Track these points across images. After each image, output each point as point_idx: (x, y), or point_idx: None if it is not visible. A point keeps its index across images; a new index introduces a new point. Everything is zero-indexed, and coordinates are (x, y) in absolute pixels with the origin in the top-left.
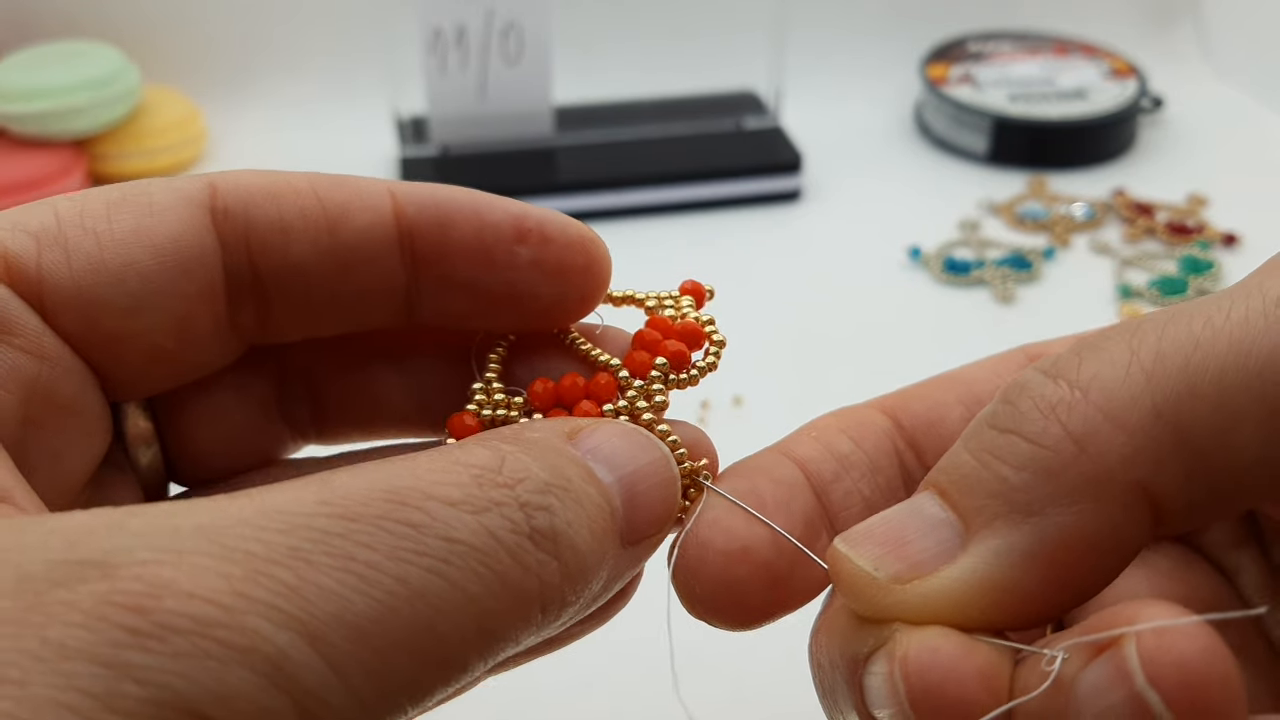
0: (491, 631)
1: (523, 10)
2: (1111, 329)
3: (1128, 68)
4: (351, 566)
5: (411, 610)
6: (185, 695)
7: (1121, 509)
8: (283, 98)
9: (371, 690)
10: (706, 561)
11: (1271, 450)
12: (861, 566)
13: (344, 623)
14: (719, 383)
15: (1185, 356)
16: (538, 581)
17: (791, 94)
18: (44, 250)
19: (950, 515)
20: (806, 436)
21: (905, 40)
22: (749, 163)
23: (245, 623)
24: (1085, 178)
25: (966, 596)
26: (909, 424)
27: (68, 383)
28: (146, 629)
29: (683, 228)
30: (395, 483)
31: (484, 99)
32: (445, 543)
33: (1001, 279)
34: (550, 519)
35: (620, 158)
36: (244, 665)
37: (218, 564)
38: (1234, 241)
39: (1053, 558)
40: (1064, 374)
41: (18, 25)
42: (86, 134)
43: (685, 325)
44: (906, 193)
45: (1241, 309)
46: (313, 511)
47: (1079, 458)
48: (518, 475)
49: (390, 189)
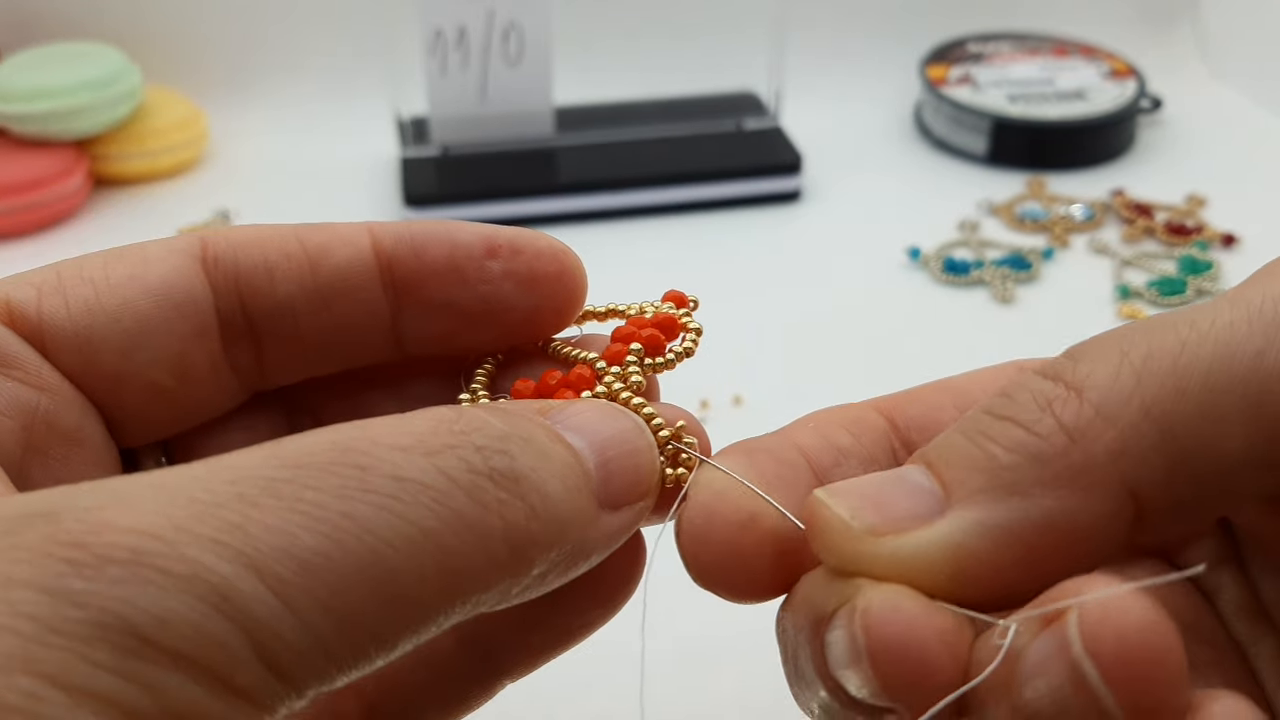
0: (455, 570)
1: (523, 11)
2: (1103, 335)
3: (1127, 69)
4: (297, 506)
5: (361, 545)
6: (125, 617)
7: (1104, 502)
8: (284, 98)
9: (329, 627)
10: (715, 528)
11: (1254, 451)
12: (838, 513)
13: (291, 556)
14: (719, 383)
15: (1173, 358)
16: (500, 520)
17: (791, 94)
18: (44, 298)
19: (935, 485)
20: (806, 427)
21: (905, 41)
22: (749, 163)
23: (186, 553)
24: (1084, 178)
25: (938, 561)
26: (904, 425)
27: (69, 413)
28: (85, 560)
29: (683, 228)
30: (346, 435)
31: (484, 100)
32: (393, 480)
33: (1001, 279)
34: (510, 461)
35: (620, 158)
36: (185, 592)
37: (160, 505)
38: (1233, 242)
39: (1030, 539)
40: (1061, 375)
41: (19, 26)
42: (88, 135)
43: (659, 315)
44: (906, 193)
45: (1226, 315)
46: (260, 464)
47: (1069, 448)
48: (474, 425)
49: (369, 227)
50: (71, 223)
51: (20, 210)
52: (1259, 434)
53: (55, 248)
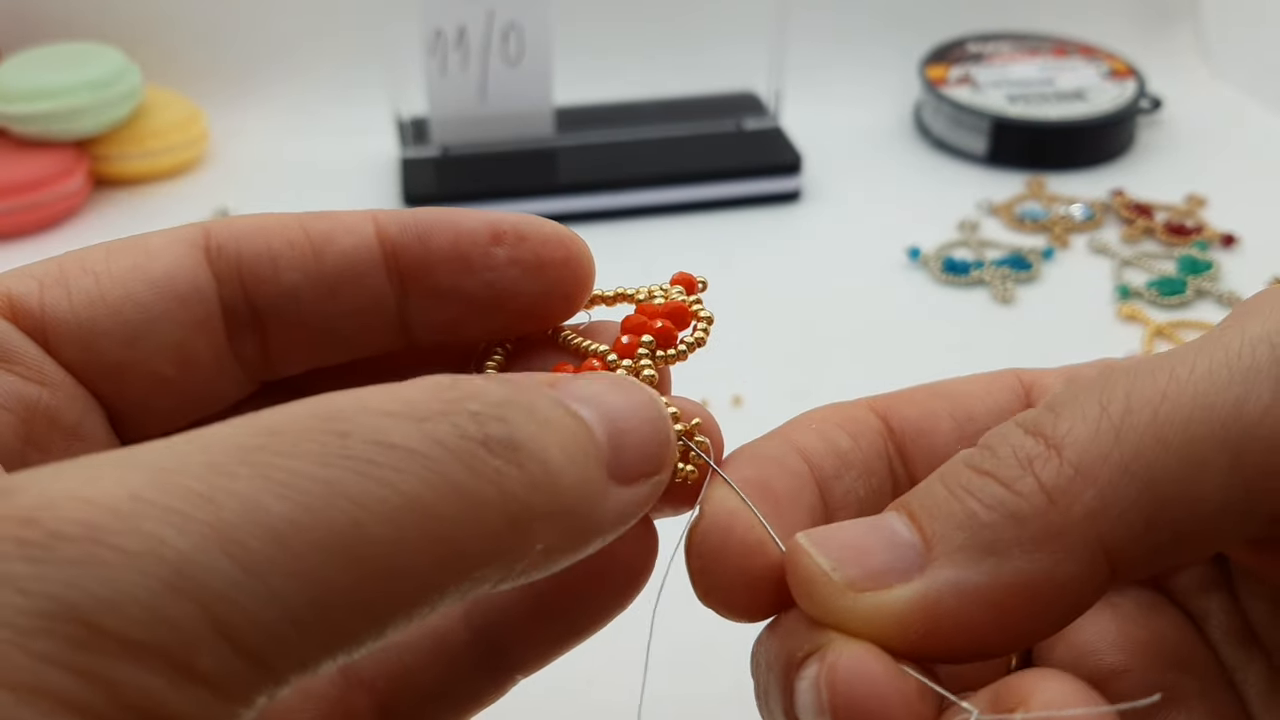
0: (446, 540)
1: (523, 11)
2: (1085, 382)
3: (1126, 69)
4: (270, 473)
5: (335, 510)
6: (73, 604)
7: (1080, 563)
8: (284, 99)
9: (303, 602)
10: (727, 553)
11: (1234, 498)
12: (819, 563)
13: (257, 523)
14: (719, 382)
15: (1153, 410)
16: (495, 489)
17: (791, 95)
18: (46, 290)
19: (916, 538)
20: (807, 427)
21: (904, 41)
22: (749, 163)
23: (141, 527)
24: (1084, 178)
25: (914, 617)
26: (899, 428)
27: (71, 408)
28: (35, 539)
29: (683, 228)
30: (330, 401)
31: (484, 100)
32: (377, 445)
33: (1001, 279)
34: (507, 429)
35: (620, 159)
36: (137, 571)
37: (122, 474)
38: (1232, 242)
39: (1004, 599)
40: (1041, 429)
41: (19, 26)
42: (88, 135)
43: (670, 304)
44: (906, 193)
45: (1205, 363)
46: (234, 432)
47: (1048, 509)
48: (469, 391)
49: (373, 215)
50: (72, 223)
51: (20, 210)
52: (1238, 483)
53: (55, 248)
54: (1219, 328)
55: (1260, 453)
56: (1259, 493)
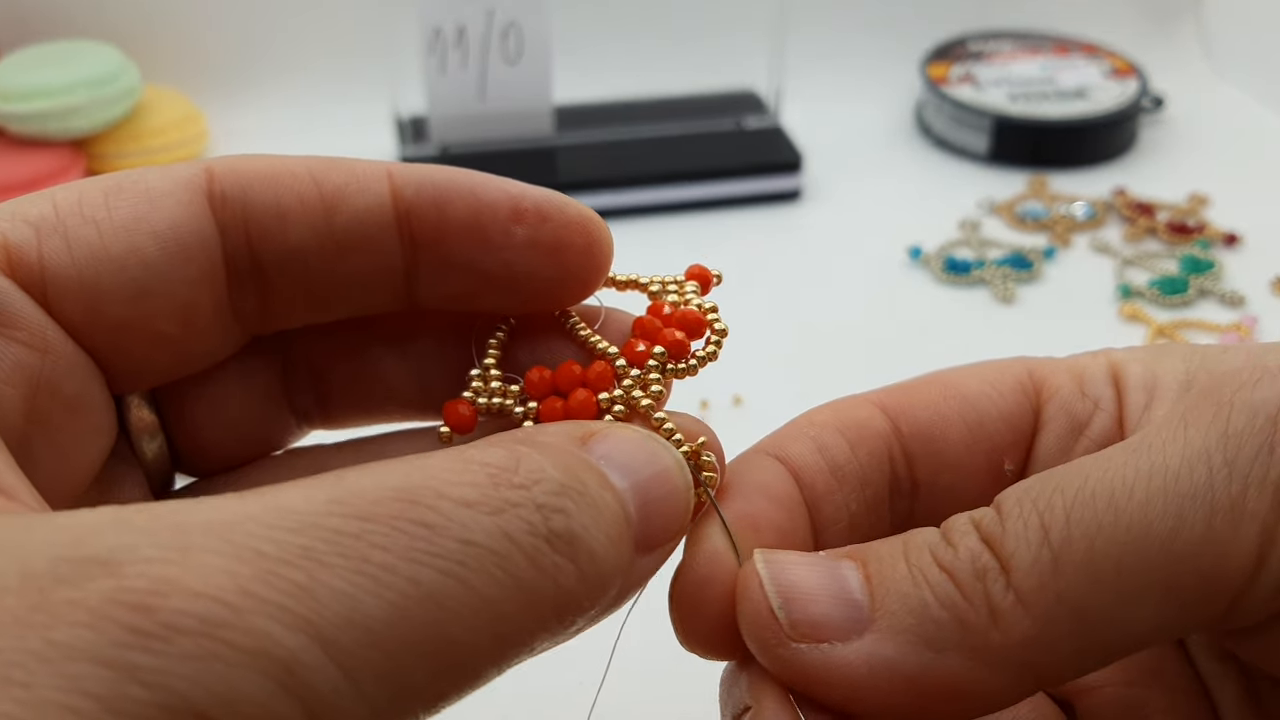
0: (506, 637)
1: (523, 10)
2: (1032, 491)
3: (1128, 67)
4: (364, 568)
5: (424, 613)
6: (190, 698)
7: (1008, 680)
8: (283, 97)
9: (384, 696)
10: (707, 602)
11: (1167, 621)
12: (770, 594)
13: (356, 625)
14: (719, 382)
15: (1089, 543)
16: (554, 586)
17: (791, 94)
18: (44, 239)
19: (865, 599)
20: (804, 434)
21: (905, 40)
22: (749, 162)
23: (254, 624)
24: (1086, 177)
25: (842, 680)
26: (908, 430)
27: (71, 378)
28: (151, 629)
29: (683, 227)
30: (410, 481)
31: (484, 99)
32: (461, 544)
33: (1002, 279)
34: (567, 522)
35: (620, 157)
36: (253, 669)
37: (226, 562)
38: (1235, 241)
39: (931, 689)
40: (992, 542)
41: (17, 24)
42: (86, 133)
43: (686, 313)
44: (907, 192)
45: (1143, 487)
46: (325, 510)
47: (990, 628)
48: (534, 476)
49: (389, 170)
50: None
51: None
52: (1170, 611)
53: None
54: (1162, 429)
55: (1193, 584)
56: (1194, 612)
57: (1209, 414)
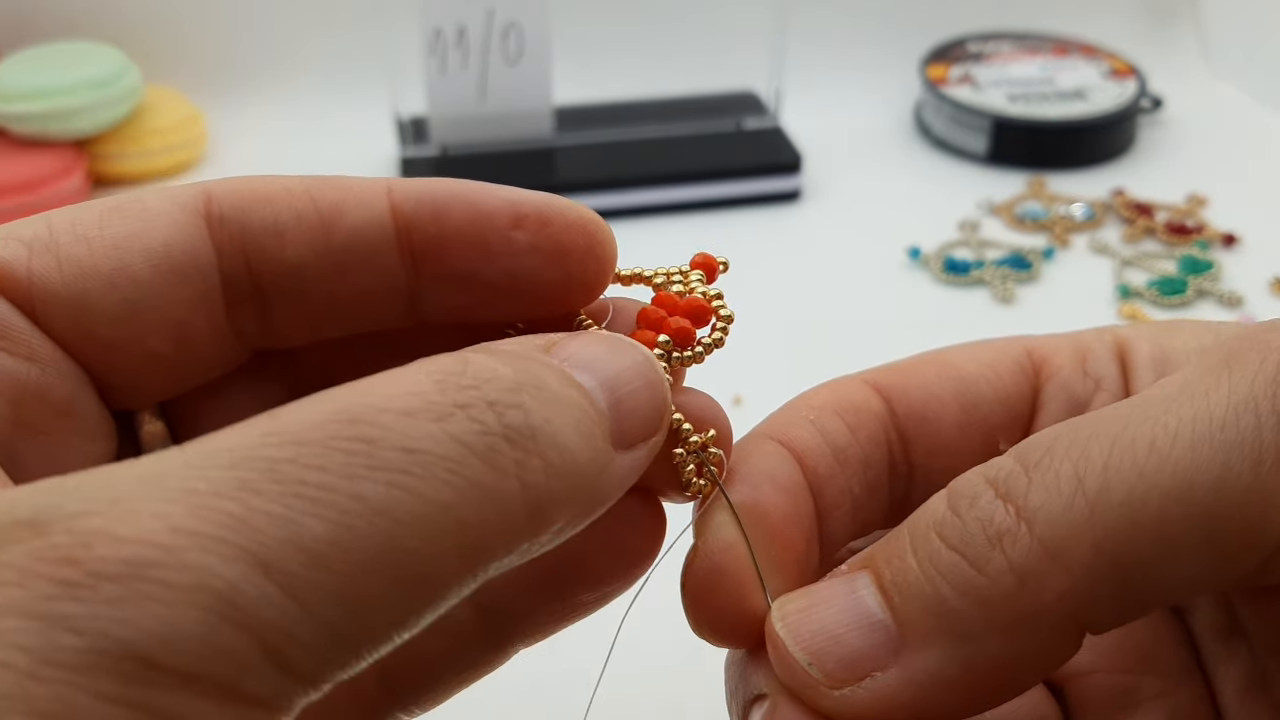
0: (472, 543)
1: (523, 10)
2: (1061, 442)
3: (1127, 68)
4: (302, 490)
5: (372, 528)
6: (127, 641)
7: (1049, 639)
8: (283, 98)
9: (340, 616)
10: (720, 591)
11: (1206, 573)
12: (798, 660)
13: (298, 547)
14: (719, 382)
15: (1129, 488)
16: (518, 482)
17: (791, 94)
18: (35, 256)
19: (887, 617)
20: (803, 419)
21: (905, 40)
22: (749, 163)
23: (187, 559)
24: (1084, 178)
25: (894, 707)
26: (902, 412)
27: (61, 385)
28: (78, 579)
29: (683, 228)
30: (347, 403)
31: (484, 99)
32: (402, 453)
33: (1001, 279)
34: (525, 417)
35: (620, 158)
36: (191, 605)
37: (155, 505)
38: (1233, 242)
39: (980, 681)
40: (1013, 497)
41: (18, 25)
42: (87, 134)
43: (690, 301)
44: (906, 193)
45: (1188, 433)
46: (259, 443)
47: (1019, 591)
48: (484, 376)
49: (387, 185)
50: None
51: (19, 210)
52: (1212, 559)
53: None
54: (1206, 375)
55: (1235, 534)
56: (1232, 564)
57: (1255, 359)
